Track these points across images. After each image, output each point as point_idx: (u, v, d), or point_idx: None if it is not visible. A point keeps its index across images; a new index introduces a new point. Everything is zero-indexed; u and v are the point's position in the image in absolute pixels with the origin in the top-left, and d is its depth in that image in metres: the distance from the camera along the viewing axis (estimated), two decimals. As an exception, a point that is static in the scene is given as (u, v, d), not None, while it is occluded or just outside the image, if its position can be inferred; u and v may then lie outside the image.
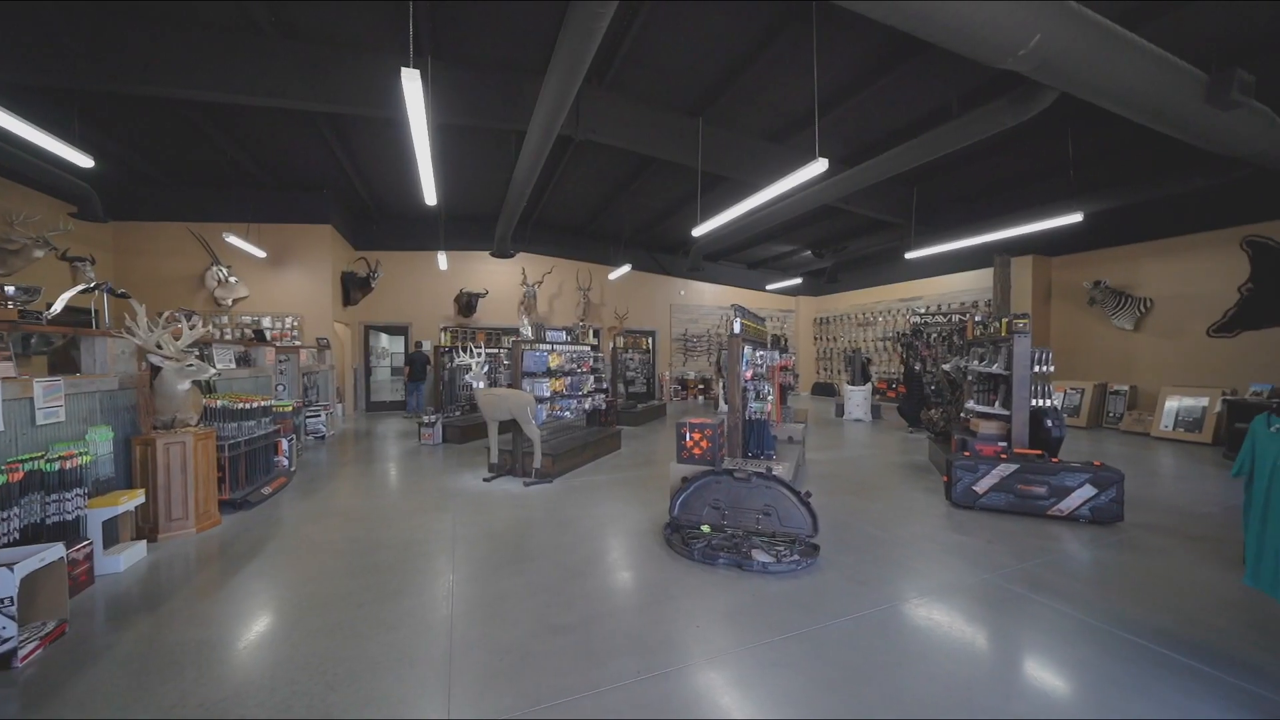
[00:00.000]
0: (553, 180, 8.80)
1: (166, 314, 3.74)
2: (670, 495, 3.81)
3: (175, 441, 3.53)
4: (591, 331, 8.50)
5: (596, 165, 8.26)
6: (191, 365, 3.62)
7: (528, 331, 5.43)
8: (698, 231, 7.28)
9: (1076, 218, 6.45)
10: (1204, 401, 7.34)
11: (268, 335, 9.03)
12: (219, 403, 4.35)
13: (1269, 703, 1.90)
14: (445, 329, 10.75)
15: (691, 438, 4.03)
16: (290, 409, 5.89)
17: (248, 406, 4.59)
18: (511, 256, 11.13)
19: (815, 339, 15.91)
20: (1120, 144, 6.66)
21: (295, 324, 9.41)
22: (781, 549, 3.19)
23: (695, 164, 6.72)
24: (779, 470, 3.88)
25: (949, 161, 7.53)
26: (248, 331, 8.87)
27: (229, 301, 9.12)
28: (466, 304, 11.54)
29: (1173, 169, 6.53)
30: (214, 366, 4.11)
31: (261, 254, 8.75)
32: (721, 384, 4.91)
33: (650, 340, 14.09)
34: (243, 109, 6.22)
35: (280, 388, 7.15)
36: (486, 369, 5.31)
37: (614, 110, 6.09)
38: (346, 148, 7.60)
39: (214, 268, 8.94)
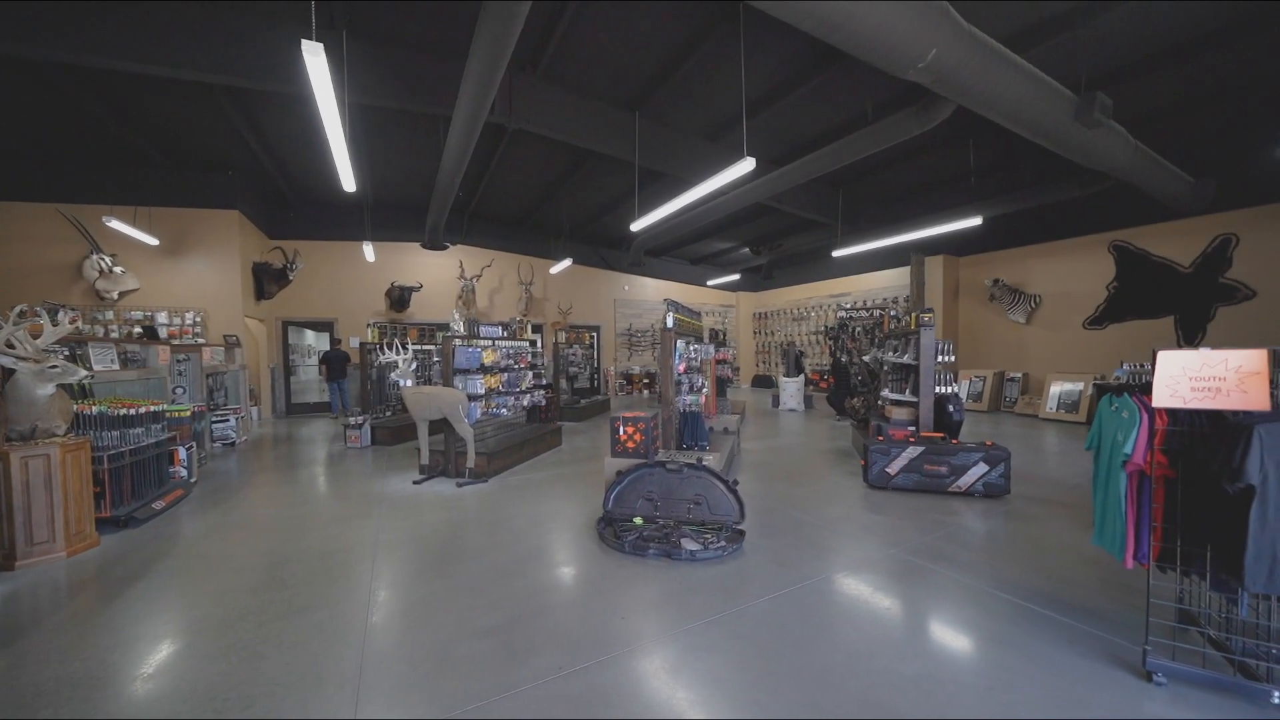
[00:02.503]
0: (489, 170, 8.50)
1: (19, 308, 3.25)
2: (605, 489, 3.82)
3: (36, 455, 3.10)
4: (530, 327, 8.30)
5: (534, 156, 8.06)
6: (55, 367, 3.18)
7: (459, 326, 5.22)
8: (636, 226, 7.31)
9: (976, 221, 7.10)
10: (1080, 385, 8.37)
11: (163, 332, 8.12)
12: (95, 409, 3.86)
13: (1106, 641, 2.20)
14: (374, 324, 10.13)
15: (625, 431, 4.06)
16: (189, 413, 5.34)
17: (133, 412, 4.11)
18: (445, 248, 10.65)
19: (755, 333, 16.50)
20: (1012, 156, 7.38)
21: (198, 320, 8.51)
22: (709, 537, 3.29)
23: (633, 159, 6.73)
24: (709, 460, 4.00)
25: (870, 166, 8.03)
26: (137, 328, 7.93)
27: (114, 295, 8.08)
28: (399, 298, 10.92)
29: (1053, 180, 7.33)
30: (86, 368, 3.64)
31: (154, 241, 7.82)
32: (657, 378, 4.97)
33: (595, 335, 14.02)
34: (122, 76, 5.50)
35: (179, 390, 6.46)
36: (415, 366, 5.06)
37: (549, 100, 5.96)
38: (253, 126, 6.93)
39: (93, 256, 7.88)
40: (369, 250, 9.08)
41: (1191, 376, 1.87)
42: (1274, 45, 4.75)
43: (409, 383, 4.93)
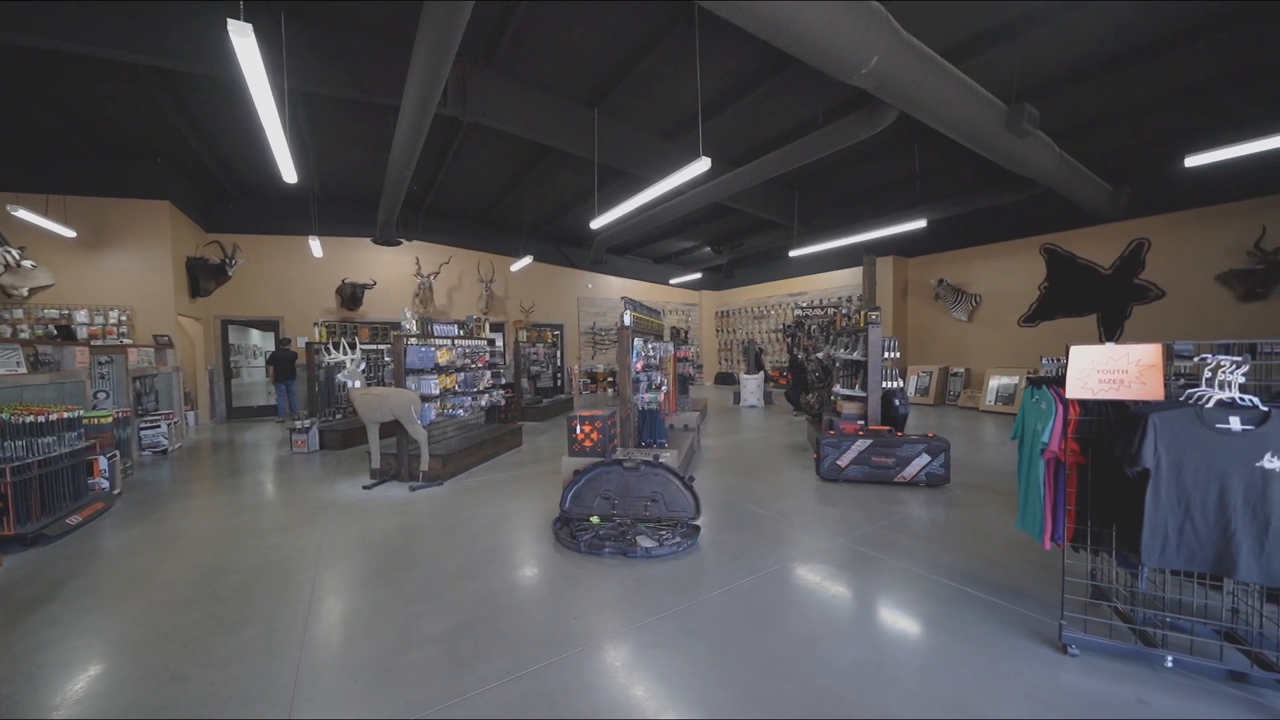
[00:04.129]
0: (445, 164, 8.25)
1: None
2: (562, 489, 3.79)
3: (-80, 469, 2.78)
4: (488, 325, 8.10)
5: (492, 151, 7.88)
6: (-58, 371, 2.86)
7: (411, 325, 5.05)
8: (596, 224, 7.28)
9: (921, 223, 7.45)
10: (1015, 379, 8.94)
11: (82, 332, 7.48)
12: (-6, 417, 3.51)
13: (1031, 619, 2.36)
14: (323, 323, 9.65)
15: (583, 430, 4.03)
16: (111, 419, 4.95)
17: (41, 420, 3.76)
18: (398, 244, 10.28)
19: (717, 331, 16.75)
20: (953, 162, 7.77)
21: (124, 319, 7.88)
22: (665, 533, 3.32)
23: (593, 155, 6.69)
24: (667, 457, 4.03)
25: (823, 168, 8.28)
26: (51, 328, 7.27)
27: (23, 291, 7.37)
28: (351, 296, 10.47)
29: (990, 185, 7.78)
30: (-17, 372, 3.30)
31: (69, 233, 7.18)
32: (617, 376, 4.97)
33: (558, 333, 13.87)
34: (28, 51, 5.00)
35: (102, 395, 5.97)
36: (364, 367, 4.86)
37: (505, 94, 5.84)
38: (186, 111, 6.46)
39: (-3, 249, 7.15)
40: (316, 245, 8.64)
41: (1099, 370, 2.02)
42: (1177, 67, 5.20)
43: (357, 383, 4.72)
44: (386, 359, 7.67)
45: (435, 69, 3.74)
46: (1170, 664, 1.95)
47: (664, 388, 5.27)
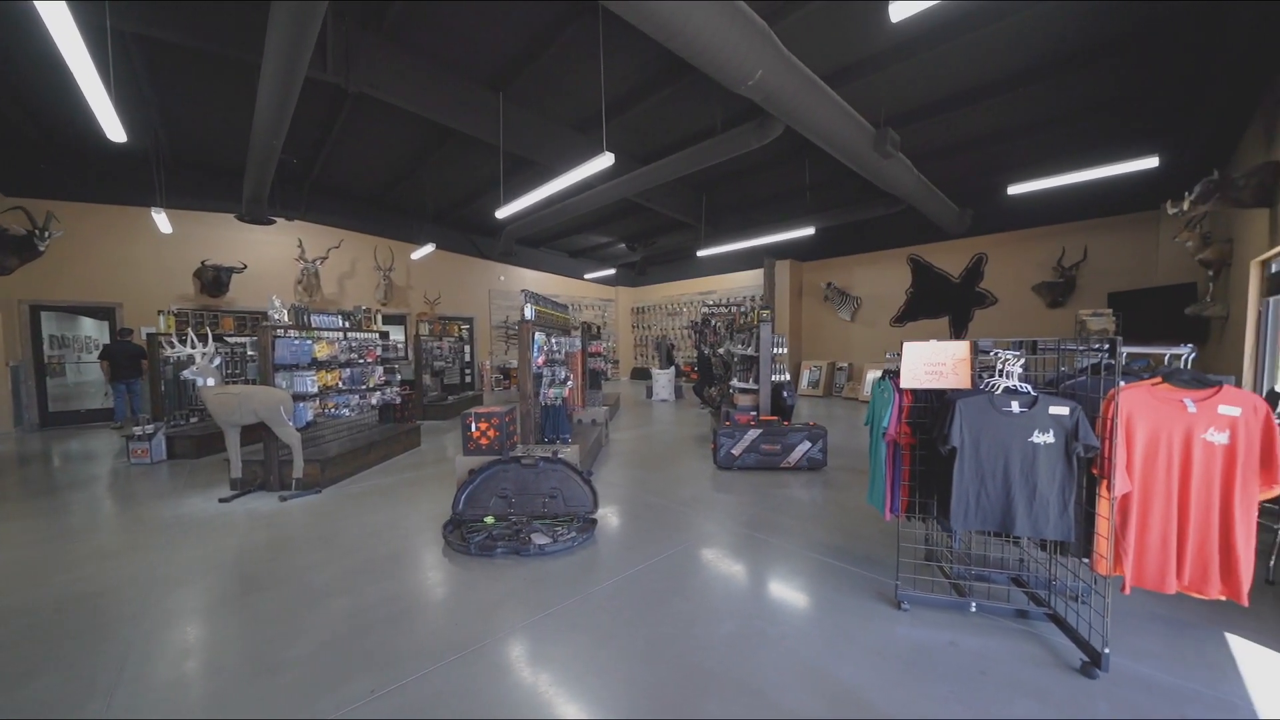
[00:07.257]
0: (331, 137, 7.44)
1: None
2: (456, 490, 3.62)
3: None
4: (380, 317, 7.49)
5: (388, 127, 7.24)
6: None
7: (281, 315, 4.50)
8: (502, 213, 7.01)
9: (810, 231, 8.13)
10: (889, 373, 10.13)
11: None
12: None
13: (878, 582, 2.69)
14: (173, 311, 8.28)
15: (478, 428, 3.88)
16: None
17: None
18: (272, 223, 9.11)
19: (634, 327, 16.99)
20: (837, 176, 8.54)
21: (-128, 301, 6.14)
22: (560, 529, 3.30)
23: (497, 141, 6.41)
24: (567, 453, 4.02)
25: (727, 174, 8.70)
26: None
27: None
28: (214, 280, 9.09)
29: (866, 200, 8.69)
30: None
31: None
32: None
33: (468, 327, 13.20)
34: None
35: None
36: (217, 362, 4.25)
37: (397, 66, 5.38)
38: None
39: None
40: (163, 220, 7.36)
41: (925, 363, 2.35)
42: (1006, 109, 6.16)
43: (211, 381, 4.12)
44: (251, 353, 6.76)
45: (299, 28, 3.34)
46: (974, 609, 2.33)
47: (569, 383, 5.23)
